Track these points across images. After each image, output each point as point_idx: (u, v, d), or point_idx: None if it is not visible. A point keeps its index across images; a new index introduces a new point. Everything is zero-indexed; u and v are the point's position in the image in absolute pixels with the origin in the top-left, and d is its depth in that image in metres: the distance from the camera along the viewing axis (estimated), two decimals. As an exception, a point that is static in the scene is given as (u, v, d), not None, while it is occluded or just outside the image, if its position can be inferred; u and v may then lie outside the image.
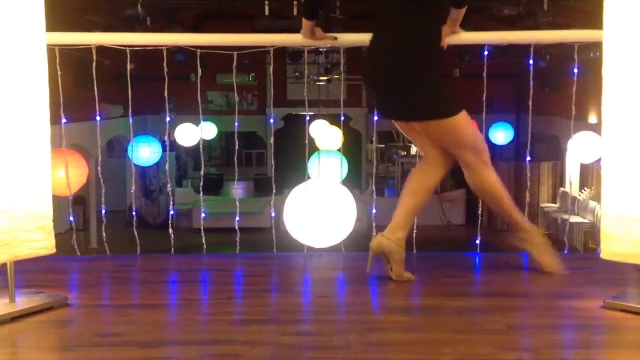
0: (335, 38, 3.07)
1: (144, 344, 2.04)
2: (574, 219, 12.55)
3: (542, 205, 14.86)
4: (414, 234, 3.19)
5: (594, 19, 2.75)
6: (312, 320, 2.34)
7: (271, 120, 13.21)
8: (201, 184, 3.74)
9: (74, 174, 4.94)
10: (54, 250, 2.37)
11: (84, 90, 5.48)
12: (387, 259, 2.68)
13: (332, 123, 9.83)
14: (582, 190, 13.79)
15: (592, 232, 12.02)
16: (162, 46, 3.26)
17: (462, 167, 2.78)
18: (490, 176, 2.77)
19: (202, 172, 3.77)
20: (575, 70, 3.26)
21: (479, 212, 3.32)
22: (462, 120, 2.68)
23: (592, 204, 12.62)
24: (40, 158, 2.29)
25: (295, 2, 9.57)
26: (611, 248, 2.28)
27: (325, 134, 9.08)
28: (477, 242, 3.27)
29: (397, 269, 2.66)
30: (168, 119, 3.69)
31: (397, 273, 2.66)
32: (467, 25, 2.70)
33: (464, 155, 2.73)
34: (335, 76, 14.27)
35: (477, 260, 3.17)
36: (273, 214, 3.41)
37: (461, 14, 2.82)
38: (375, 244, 2.69)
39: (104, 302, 2.53)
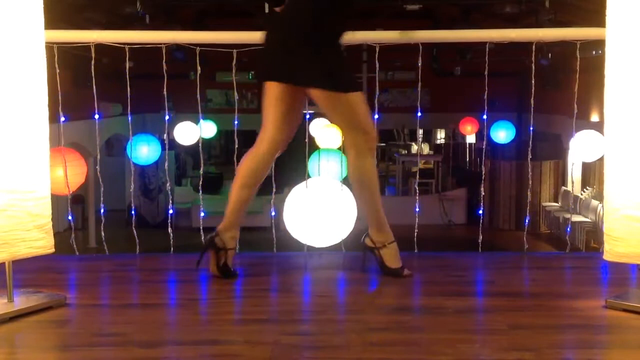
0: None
1: (143, 343, 2.03)
2: (575, 218, 12.54)
3: (543, 204, 14.84)
4: (415, 233, 3.19)
5: (595, 17, 2.74)
6: (312, 320, 2.32)
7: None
8: (200, 182, 3.72)
9: (72, 173, 4.93)
10: (52, 250, 2.36)
11: (83, 89, 5.47)
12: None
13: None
14: (584, 189, 13.77)
15: (594, 231, 11.99)
16: (161, 44, 3.24)
17: (348, 150, 2.68)
18: (371, 165, 2.69)
19: (201, 171, 3.75)
20: (577, 68, 3.24)
21: (480, 212, 3.31)
22: (361, 99, 2.63)
23: (594, 203, 12.59)
24: (39, 157, 2.28)
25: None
26: (615, 249, 2.26)
27: (325, 133, 9.05)
28: (479, 241, 3.25)
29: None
30: (167, 117, 3.67)
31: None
32: (469, 23, 2.67)
33: (354, 135, 2.64)
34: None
35: (478, 259, 3.15)
36: (273, 214, 3.39)
37: None
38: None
39: (103, 302, 2.52)
